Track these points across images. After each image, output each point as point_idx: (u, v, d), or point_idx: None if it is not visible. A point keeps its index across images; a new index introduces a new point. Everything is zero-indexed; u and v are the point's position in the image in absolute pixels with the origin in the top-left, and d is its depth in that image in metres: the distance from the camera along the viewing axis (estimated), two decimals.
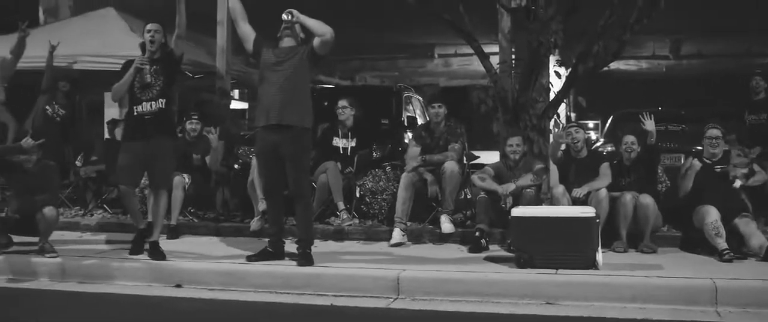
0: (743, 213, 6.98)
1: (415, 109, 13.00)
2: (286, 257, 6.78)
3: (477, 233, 7.35)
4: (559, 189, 7.41)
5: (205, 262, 6.81)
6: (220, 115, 10.23)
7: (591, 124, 21.41)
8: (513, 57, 9.22)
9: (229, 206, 9.00)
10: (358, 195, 8.51)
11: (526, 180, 7.46)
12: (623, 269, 6.18)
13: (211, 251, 7.32)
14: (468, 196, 8.31)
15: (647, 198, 7.22)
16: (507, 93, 8.66)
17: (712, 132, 7.42)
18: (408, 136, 10.85)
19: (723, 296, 5.54)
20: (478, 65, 9.42)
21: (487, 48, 9.13)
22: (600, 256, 6.29)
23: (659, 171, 8.11)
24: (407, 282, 6.03)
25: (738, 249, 6.78)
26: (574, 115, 17.42)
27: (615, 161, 7.73)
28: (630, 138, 7.64)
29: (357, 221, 8.33)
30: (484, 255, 7.06)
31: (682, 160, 9.23)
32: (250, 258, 6.74)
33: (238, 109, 17.95)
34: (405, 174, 7.96)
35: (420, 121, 12.00)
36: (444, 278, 6.09)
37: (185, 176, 8.48)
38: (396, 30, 14.35)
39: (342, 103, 8.77)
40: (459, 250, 7.43)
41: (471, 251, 7.24)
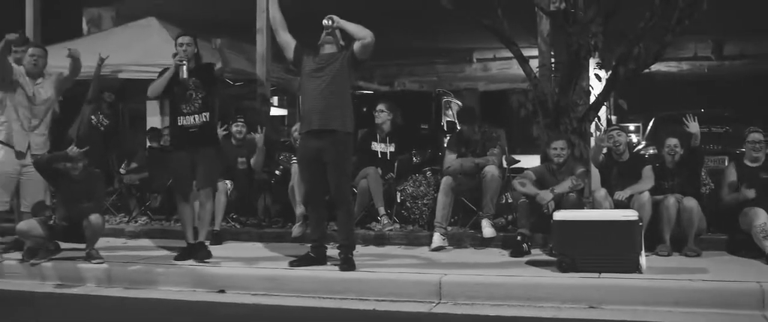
0: None
1: (454, 114, 12.97)
2: (328, 263, 6.82)
3: (518, 237, 7.32)
4: (601, 192, 7.35)
5: (248, 267, 6.88)
6: (260, 122, 10.31)
7: (632, 126, 21.21)
8: (552, 60, 9.17)
9: (271, 211, 9.07)
10: (398, 200, 8.53)
11: (563, 187, 7.40)
12: (667, 273, 6.11)
13: (254, 257, 7.38)
14: (509, 200, 8.28)
15: (691, 201, 7.13)
16: (547, 97, 8.60)
17: (754, 136, 7.33)
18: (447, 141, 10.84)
19: None
20: (517, 69, 9.37)
21: (527, 52, 9.08)
22: (643, 259, 6.22)
23: (702, 173, 8.01)
24: (449, 286, 6.03)
25: None
26: (614, 118, 17.23)
27: (657, 164, 7.66)
28: (672, 140, 7.57)
29: (398, 226, 8.35)
30: (525, 259, 7.02)
31: (725, 162, 9.12)
32: (292, 263, 6.78)
33: (277, 116, 18.08)
34: (444, 179, 7.96)
35: (459, 127, 11.96)
36: (486, 282, 6.07)
37: (228, 182, 8.59)
38: (435, 35, 14.33)
39: (379, 107, 8.81)
40: (500, 254, 7.42)
41: (512, 256, 7.21)
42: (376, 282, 6.23)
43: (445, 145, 8.68)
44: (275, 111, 17.30)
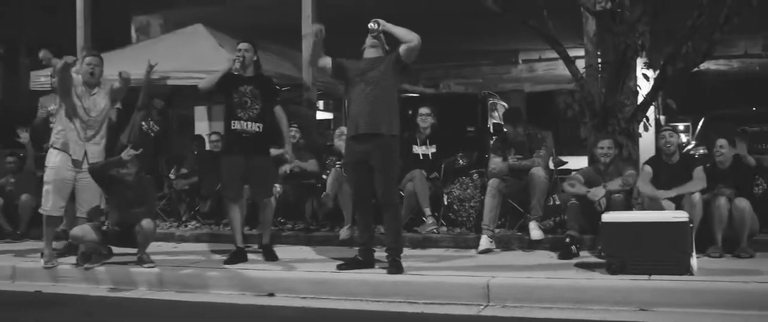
0: None
1: (501, 116, 12.93)
2: (375, 266, 6.84)
3: (567, 240, 7.28)
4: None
5: (297, 271, 6.93)
6: (307, 126, 10.40)
7: (681, 126, 20.91)
8: (599, 61, 9.10)
9: (318, 215, 9.13)
10: (445, 203, 8.53)
11: (615, 185, 7.36)
12: (719, 275, 6.03)
13: (302, 260, 7.44)
14: (556, 202, 8.23)
15: (743, 201, 7.02)
16: (594, 97, 8.55)
17: None
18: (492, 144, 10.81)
19: None
20: (563, 69, 9.32)
21: (573, 52, 9.03)
22: (695, 261, 6.14)
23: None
24: (497, 289, 6.00)
25: None
26: (663, 118, 17.01)
27: (708, 165, 7.55)
28: (722, 141, 7.46)
29: (445, 229, 8.35)
30: (574, 261, 6.97)
31: None
32: (340, 267, 6.82)
33: (323, 120, 18.19)
34: (491, 181, 7.94)
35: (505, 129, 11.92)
36: (534, 284, 6.05)
37: (276, 185, 8.67)
38: (479, 37, 14.29)
39: (424, 110, 8.84)
40: (549, 257, 7.36)
41: (561, 258, 7.17)
42: (424, 285, 6.24)
43: (490, 148, 8.64)
44: (321, 115, 17.42)
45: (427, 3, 10.98)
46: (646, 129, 8.92)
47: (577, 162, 9.08)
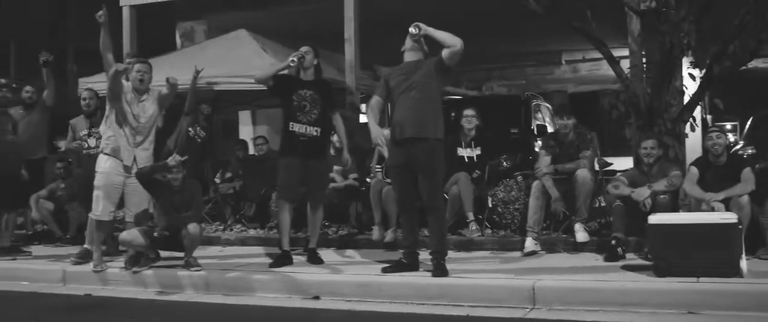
0: None
1: (545, 117, 12.85)
2: (420, 268, 6.85)
3: (613, 242, 7.20)
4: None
5: (342, 274, 6.98)
6: (350, 130, 10.42)
7: (729, 126, 20.59)
8: (644, 60, 9.01)
9: (363, 218, 9.15)
10: (490, 205, 8.50)
11: (660, 185, 7.27)
12: None
13: (347, 263, 7.48)
14: (602, 204, 8.16)
15: None
16: (639, 98, 8.46)
17: None
18: (538, 144, 10.75)
19: None
20: (607, 70, 9.24)
21: (617, 52, 8.95)
22: (744, 263, 6.06)
23: None
24: (543, 292, 5.98)
25: None
26: (710, 118, 16.77)
27: (757, 166, 7.42)
28: None
29: (489, 231, 8.33)
30: (620, 264, 6.91)
31: None
32: (385, 270, 6.84)
33: (366, 123, 18.19)
34: (536, 183, 7.90)
35: (550, 129, 11.87)
36: (580, 287, 6.01)
37: None
38: (522, 38, 14.22)
39: (469, 113, 8.82)
40: (594, 259, 7.31)
41: (607, 260, 7.10)
42: (469, 288, 6.24)
43: (539, 147, 8.58)
44: (364, 118, 17.43)
45: (470, 4, 10.96)
46: (692, 129, 8.81)
47: (622, 163, 9.00)
